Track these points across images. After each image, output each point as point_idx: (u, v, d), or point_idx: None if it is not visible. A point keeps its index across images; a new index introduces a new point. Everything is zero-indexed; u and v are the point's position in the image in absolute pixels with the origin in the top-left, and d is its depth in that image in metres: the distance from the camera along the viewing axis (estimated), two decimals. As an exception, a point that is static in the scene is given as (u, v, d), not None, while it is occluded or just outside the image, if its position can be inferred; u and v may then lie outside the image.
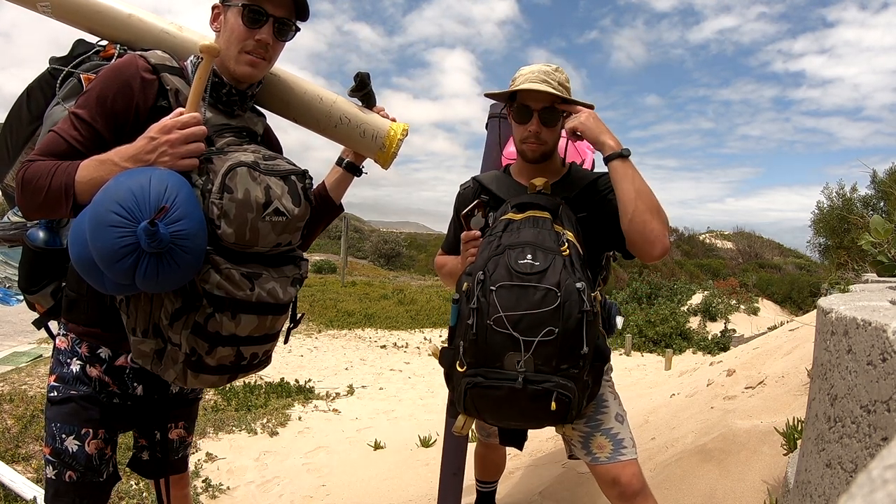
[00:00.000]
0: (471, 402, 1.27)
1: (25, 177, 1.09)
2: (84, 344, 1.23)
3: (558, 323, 1.17)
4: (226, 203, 1.05)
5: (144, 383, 1.28)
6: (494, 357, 1.21)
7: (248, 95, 1.27)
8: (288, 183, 1.14)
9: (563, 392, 1.19)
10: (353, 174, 1.50)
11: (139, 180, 1.00)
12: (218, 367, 1.13)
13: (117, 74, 1.14)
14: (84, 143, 1.12)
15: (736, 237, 35.98)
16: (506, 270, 1.23)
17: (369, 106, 1.44)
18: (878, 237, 1.51)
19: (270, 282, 1.13)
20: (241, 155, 1.11)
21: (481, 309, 1.21)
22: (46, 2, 1.26)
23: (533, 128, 1.44)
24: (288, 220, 1.13)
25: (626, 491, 1.37)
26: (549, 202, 1.38)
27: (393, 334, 10.28)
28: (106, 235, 0.96)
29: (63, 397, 1.21)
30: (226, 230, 1.05)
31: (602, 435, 1.43)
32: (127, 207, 0.97)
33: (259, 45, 1.19)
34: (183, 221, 0.99)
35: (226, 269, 1.07)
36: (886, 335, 0.65)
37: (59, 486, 1.21)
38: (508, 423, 1.40)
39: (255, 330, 1.13)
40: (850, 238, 11.99)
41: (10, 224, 1.38)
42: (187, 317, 1.07)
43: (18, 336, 7.11)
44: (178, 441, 1.44)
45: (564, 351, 1.18)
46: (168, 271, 0.99)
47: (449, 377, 1.35)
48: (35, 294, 1.32)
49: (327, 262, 20.31)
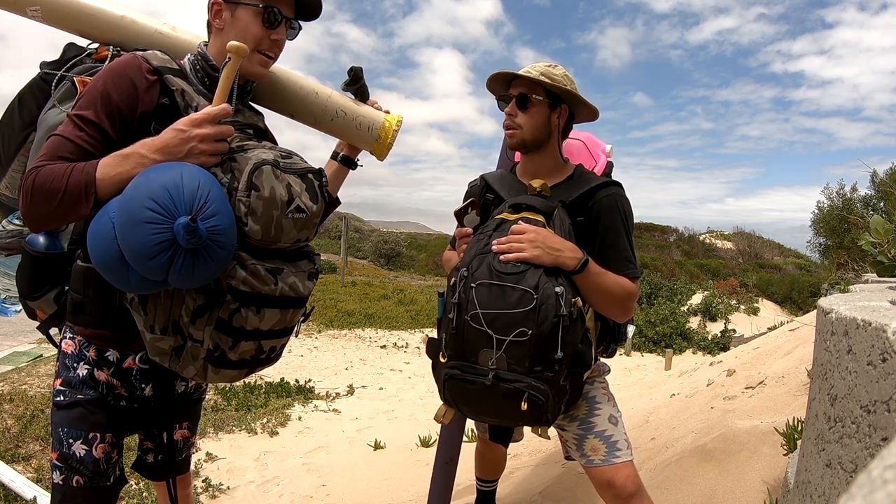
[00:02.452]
0: (449, 393, 1.31)
1: (36, 183, 1.04)
2: (92, 347, 1.22)
3: (532, 325, 1.18)
4: (253, 201, 1.06)
5: (152, 383, 1.27)
6: (470, 352, 1.24)
7: (247, 91, 1.28)
8: (305, 181, 1.16)
9: (534, 394, 1.19)
10: (349, 167, 1.53)
11: (171, 176, 1.00)
12: (239, 361, 1.14)
13: (120, 74, 1.12)
14: (93, 143, 1.09)
15: (736, 237, 35.98)
16: (487, 269, 1.26)
17: (363, 99, 1.47)
18: (878, 237, 1.51)
19: (291, 276, 1.16)
20: (262, 153, 1.12)
21: (461, 304, 1.25)
22: (36, 7, 1.25)
23: (508, 110, 1.48)
24: (308, 216, 1.16)
25: (621, 493, 1.38)
26: (544, 205, 1.38)
27: (393, 334, 10.27)
28: (140, 232, 0.96)
29: (70, 402, 1.20)
30: (252, 227, 1.07)
31: (595, 437, 1.43)
32: (162, 204, 0.97)
33: (275, 45, 1.23)
34: (217, 217, 1.01)
35: (251, 264, 1.08)
36: (886, 335, 0.65)
37: (67, 490, 1.20)
38: (484, 417, 1.44)
39: (278, 323, 1.16)
40: (850, 238, 11.99)
41: (6, 232, 1.36)
42: (210, 313, 1.08)
43: (18, 336, 7.11)
44: (183, 441, 1.44)
45: (537, 353, 1.19)
46: (203, 266, 1.00)
47: (434, 366, 1.38)
48: (37, 300, 1.29)
49: (327, 262, 20.31)
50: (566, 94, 1.46)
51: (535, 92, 1.45)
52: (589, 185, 1.48)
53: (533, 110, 1.46)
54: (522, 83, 1.46)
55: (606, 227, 1.43)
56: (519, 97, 1.46)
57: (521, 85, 1.46)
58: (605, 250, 1.41)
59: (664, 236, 35.84)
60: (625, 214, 1.46)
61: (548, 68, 1.45)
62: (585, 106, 1.50)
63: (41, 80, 1.27)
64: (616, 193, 1.47)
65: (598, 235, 1.43)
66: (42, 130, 1.22)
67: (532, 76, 1.43)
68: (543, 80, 1.42)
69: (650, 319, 11.27)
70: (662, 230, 36.64)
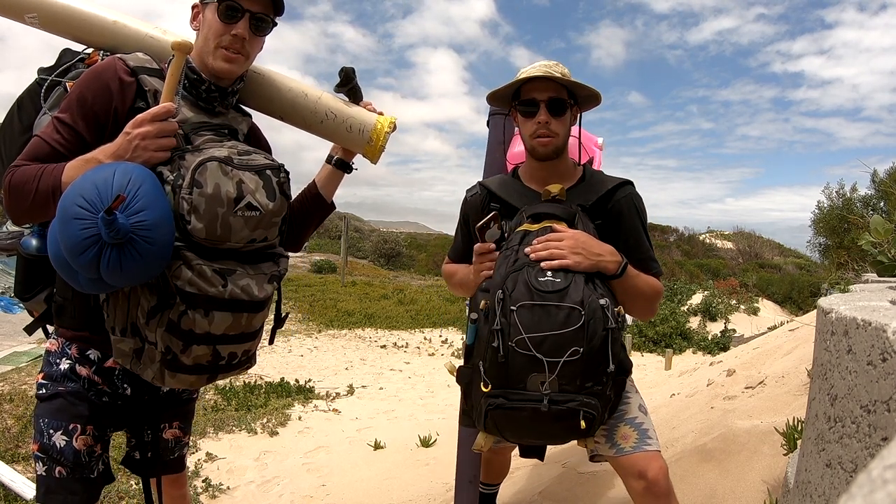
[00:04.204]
0: (492, 422, 1.23)
1: (12, 182, 1.10)
2: (74, 346, 1.24)
3: (583, 343, 1.13)
4: (195, 198, 1.05)
5: (133, 384, 1.28)
6: (517, 378, 1.17)
7: (229, 92, 1.27)
8: (263, 177, 1.14)
9: (588, 410, 1.16)
10: (344, 171, 1.49)
11: (103, 174, 1.02)
12: (195, 366, 1.12)
13: (96, 77, 1.16)
14: (66, 145, 1.13)
15: (736, 237, 35.95)
16: (526, 288, 1.18)
17: (355, 101, 1.43)
18: (878, 237, 1.51)
19: (245, 278, 1.13)
20: (215, 150, 1.11)
21: (503, 330, 1.16)
22: (34, 14, 1.28)
23: (542, 118, 1.38)
24: (262, 215, 1.12)
25: (653, 488, 1.29)
26: (565, 211, 1.34)
27: (393, 334, 10.27)
28: (71, 228, 0.98)
29: (51, 394, 1.22)
30: (196, 225, 1.05)
31: (626, 425, 1.38)
32: (89, 199, 0.98)
33: (235, 40, 1.20)
34: (145, 212, 1.00)
35: (197, 265, 1.06)
36: (886, 335, 0.65)
37: (50, 482, 1.20)
38: (530, 441, 1.38)
39: (231, 328, 1.13)
40: (850, 238, 11.98)
41: (8, 234, 1.39)
42: (162, 315, 1.07)
43: (18, 336, 7.10)
44: (174, 441, 1.43)
45: (589, 370, 1.15)
46: (131, 263, 0.99)
47: (467, 394, 1.32)
48: (30, 301, 1.33)
49: (327, 262, 20.28)
50: (591, 94, 1.43)
51: (562, 95, 1.39)
52: (605, 186, 1.44)
53: (566, 115, 1.41)
54: (550, 87, 1.38)
55: (628, 229, 1.41)
56: (552, 102, 1.38)
57: (550, 89, 1.38)
58: (629, 251, 1.38)
59: (664, 236, 35.83)
60: (642, 213, 1.45)
61: (557, 67, 1.40)
62: (594, 101, 1.48)
63: (38, 86, 1.30)
64: (632, 193, 1.45)
65: (621, 238, 1.39)
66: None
67: (560, 78, 1.37)
68: (569, 80, 1.38)
69: (650, 319, 11.27)
70: (662, 230, 36.62)
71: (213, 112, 1.26)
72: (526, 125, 1.43)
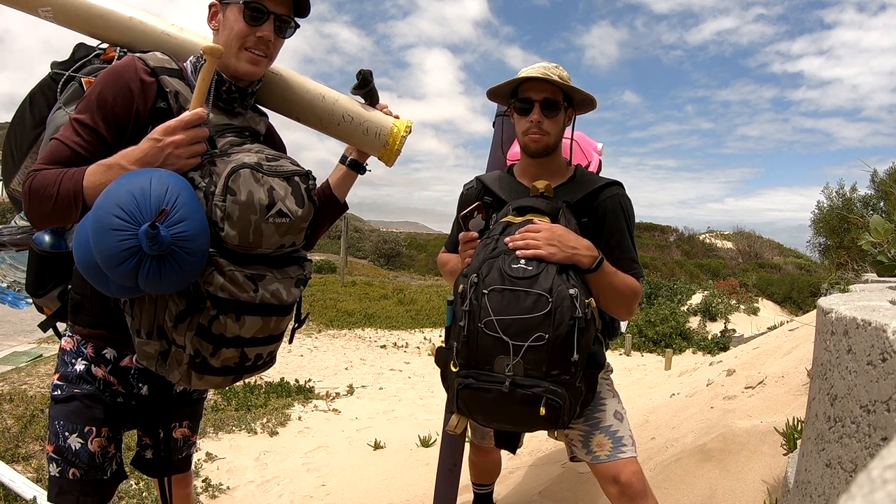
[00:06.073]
0: (463, 402, 1.27)
1: (32, 187, 1.08)
2: (89, 345, 1.23)
3: (549, 329, 1.17)
4: (229, 205, 1.05)
5: (149, 383, 1.28)
6: (485, 360, 1.21)
7: (249, 93, 1.27)
8: (291, 184, 1.14)
9: (552, 398, 1.18)
10: (358, 172, 1.50)
11: (139, 183, 1.00)
12: (222, 368, 1.13)
13: (117, 77, 1.14)
14: (88, 147, 1.12)
15: (736, 237, 35.95)
16: (499, 274, 1.23)
17: (372, 103, 1.44)
18: (878, 237, 1.51)
19: (274, 283, 1.13)
20: (245, 156, 1.11)
21: (473, 311, 1.22)
22: (48, 7, 1.26)
23: (535, 117, 1.44)
24: (291, 221, 1.13)
25: (627, 490, 1.36)
26: (549, 206, 1.38)
27: (393, 334, 10.26)
28: (108, 239, 0.97)
29: (67, 395, 1.21)
30: (229, 232, 1.05)
31: (601, 433, 1.43)
32: (128, 210, 0.97)
33: (261, 42, 1.19)
34: (184, 223, 1.00)
35: (229, 270, 1.07)
36: (886, 335, 0.65)
37: (63, 483, 1.21)
38: (500, 425, 1.41)
39: (260, 331, 1.14)
40: (850, 238, 11.99)
41: (18, 228, 1.39)
42: (191, 319, 1.07)
43: (18, 336, 7.11)
44: (183, 440, 1.44)
45: (555, 357, 1.18)
46: (171, 273, 0.99)
47: (444, 376, 1.36)
48: (42, 297, 1.32)
49: (327, 262, 20.29)
50: (586, 98, 1.47)
51: (557, 97, 1.44)
52: (592, 185, 1.48)
53: (559, 115, 1.46)
54: (546, 88, 1.43)
55: (612, 228, 1.44)
56: (546, 103, 1.44)
57: (546, 90, 1.43)
58: (610, 250, 1.42)
59: (664, 236, 35.83)
60: (628, 215, 1.47)
61: (556, 69, 1.44)
62: (589, 105, 1.51)
63: (51, 80, 1.29)
64: (619, 194, 1.48)
65: (603, 236, 1.43)
66: (50, 130, 1.24)
67: (557, 81, 1.41)
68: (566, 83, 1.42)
69: (650, 319, 11.26)
70: (662, 230, 36.62)
71: (233, 112, 1.25)
72: (520, 122, 1.49)
